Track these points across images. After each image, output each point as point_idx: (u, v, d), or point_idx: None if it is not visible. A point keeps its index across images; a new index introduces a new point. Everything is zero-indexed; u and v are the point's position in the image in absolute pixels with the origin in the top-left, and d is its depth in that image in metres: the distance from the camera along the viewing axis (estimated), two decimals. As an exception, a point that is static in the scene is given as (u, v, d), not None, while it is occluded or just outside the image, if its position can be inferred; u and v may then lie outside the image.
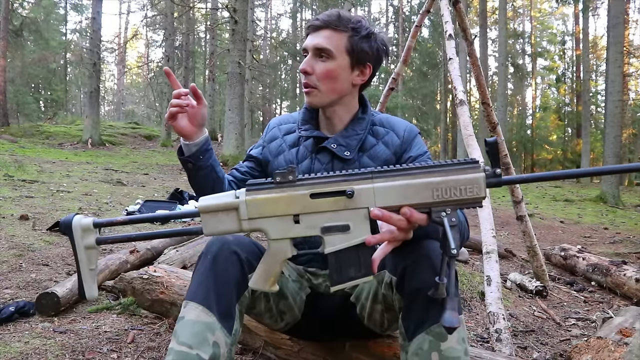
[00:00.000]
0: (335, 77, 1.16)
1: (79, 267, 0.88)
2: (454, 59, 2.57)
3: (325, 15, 1.17)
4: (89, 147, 11.78)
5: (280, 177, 0.83)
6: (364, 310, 1.16)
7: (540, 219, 6.72)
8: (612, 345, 1.53)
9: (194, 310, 0.95)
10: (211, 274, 0.98)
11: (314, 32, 1.16)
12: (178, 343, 0.92)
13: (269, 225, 0.84)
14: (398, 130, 1.25)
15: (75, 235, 0.87)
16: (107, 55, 29.89)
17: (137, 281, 1.86)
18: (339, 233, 0.82)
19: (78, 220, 0.87)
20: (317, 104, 1.20)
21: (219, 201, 0.84)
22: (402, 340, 0.97)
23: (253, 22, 17.42)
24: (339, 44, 1.14)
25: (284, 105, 32.44)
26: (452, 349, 0.91)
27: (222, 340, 0.94)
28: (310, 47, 1.16)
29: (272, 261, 0.86)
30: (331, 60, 1.15)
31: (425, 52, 20.89)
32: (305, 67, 1.16)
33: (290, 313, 1.20)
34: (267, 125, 1.38)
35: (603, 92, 20.77)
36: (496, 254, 2.03)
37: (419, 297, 0.93)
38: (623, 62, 10.67)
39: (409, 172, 0.81)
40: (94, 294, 0.89)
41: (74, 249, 0.87)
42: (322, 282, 1.24)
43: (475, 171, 0.80)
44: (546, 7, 29.78)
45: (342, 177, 0.82)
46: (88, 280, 0.89)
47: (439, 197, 0.79)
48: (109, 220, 0.89)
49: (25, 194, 4.63)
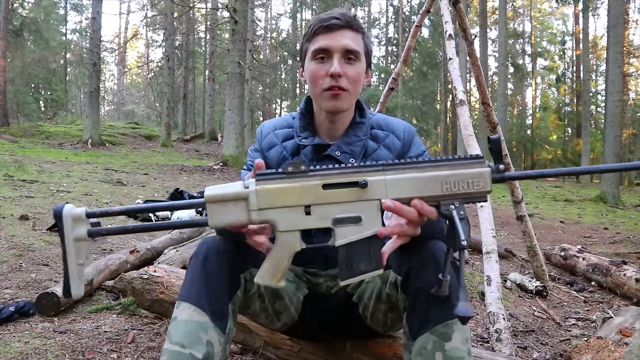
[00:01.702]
0: (361, 81, 1.15)
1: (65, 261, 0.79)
2: (454, 59, 2.57)
3: (341, 14, 1.11)
4: (89, 147, 11.77)
5: (293, 167, 0.81)
6: (367, 310, 1.16)
7: (540, 219, 6.72)
8: (612, 345, 1.53)
9: (187, 310, 0.95)
10: (202, 274, 0.98)
11: (334, 31, 1.10)
12: (171, 343, 0.92)
13: (279, 217, 0.81)
14: (397, 132, 1.23)
15: (65, 225, 0.79)
16: (107, 55, 29.96)
17: (137, 281, 1.86)
18: (351, 225, 0.81)
19: (69, 210, 0.79)
20: (345, 108, 1.15)
21: (227, 190, 0.80)
22: (406, 339, 0.97)
23: (253, 22, 17.43)
24: (361, 46, 1.13)
25: (284, 105, 32.45)
26: (456, 349, 0.90)
27: (215, 339, 0.94)
28: (337, 47, 1.09)
29: (281, 255, 0.84)
30: (359, 62, 1.13)
31: (425, 52, 20.88)
32: (339, 70, 1.09)
33: (286, 313, 1.19)
34: (259, 129, 1.30)
35: (603, 92, 20.79)
36: (496, 254, 2.03)
37: (424, 297, 0.93)
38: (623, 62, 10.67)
39: (418, 165, 0.82)
40: (80, 292, 0.80)
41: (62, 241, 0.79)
42: (323, 282, 1.24)
43: (481, 166, 0.81)
44: (546, 7, 29.80)
45: (354, 168, 0.82)
46: (75, 277, 0.79)
47: (448, 190, 0.80)
48: (103, 210, 0.81)
49: (25, 194, 4.63)
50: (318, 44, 1.11)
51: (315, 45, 1.12)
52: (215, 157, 12.38)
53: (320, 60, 1.12)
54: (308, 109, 1.24)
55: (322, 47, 1.10)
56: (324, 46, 1.10)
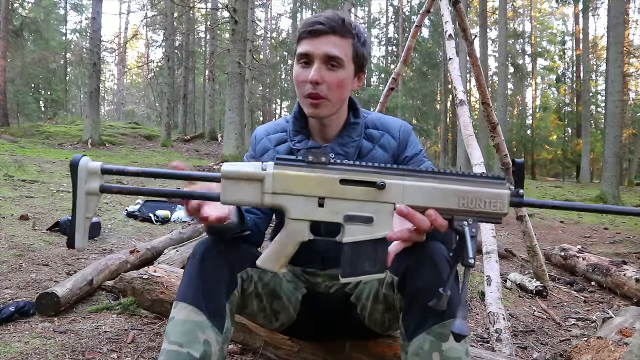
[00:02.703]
0: (344, 87, 1.11)
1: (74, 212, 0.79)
2: (454, 59, 2.57)
3: (327, 19, 1.07)
4: (89, 147, 11.77)
5: (313, 157, 0.80)
6: (365, 310, 1.16)
7: (540, 219, 6.72)
8: (612, 345, 1.53)
9: (184, 310, 0.95)
10: (199, 274, 0.99)
11: (318, 37, 1.07)
12: (169, 342, 0.93)
13: (292, 204, 0.80)
14: (393, 131, 1.22)
15: (79, 176, 0.78)
16: (107, 55, 29.97)
17: (137, 281, 1.86)
18: (362, 224, 0.81)
19: (85, 162, 0.78)
20: (325, 115, 1.13)
21: (244, 169, 0.79)
22: (402, 340, 0.97)
23: (253, 22, 17.44)
24: (347, 52, 1.09)
25: (284, 105, 32.45)
26: (454, 349, 0.90)
27: (213, 338, 0.95)
28: (318, 54, 1.07)
29: (287, 241, 0.83)
30: (341, 69, 1.09)
31: (425, 52, 20.87)
32: (317, 77, 1.07)
33: (285, 313, 1.19)
34: (253, 135, 1.30)
35: (603, 92, 20.79)
36: (496, 254, 2.03)
37: (420, 297, 0.93)
38: (623, 62, 10.67)
39: (438, 176, 0.81)
40: (84, 244, 0.80)
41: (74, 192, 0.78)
42: (321, 282, 1.24)
43: (502, 187, 0.80)
44: (546, 7, 29.81)
45: (374, 168, 0.81)
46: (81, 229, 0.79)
47: (464, 205, 0.80)
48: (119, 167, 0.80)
49: (25, 194, 4.63)
50: (301, 49, 1.09)
51: (299, 49, 1.10)
52: (215, 157, 12.38)
53: (304, 64, 1.10)
54: (301, 112, 1.22)
55: (304, 51, 1.09)
56: (305, 51, 1.08)
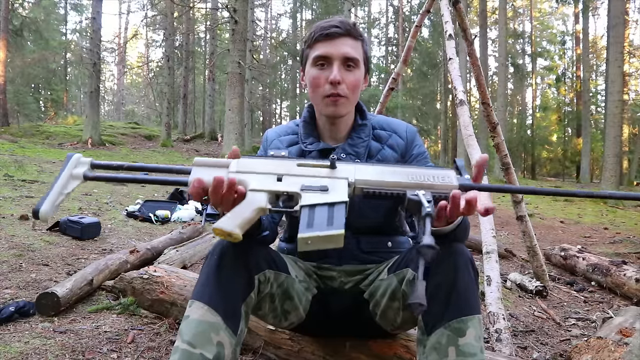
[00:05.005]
0: (359, 87, 1.19)
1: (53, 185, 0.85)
2: (454, 59, 2.57)
3: (341, 22, 1.14)
4: (89, 147, 11.77)
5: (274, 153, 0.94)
6: (378, 307, 1.17)
7: (540, 219, 6.72)
8: (612, 345, 1.53)
9: (199, 309, 0.95)
10: (216, 274, 0.98)
11: (334, 39, 1.14)
12: (182, 341, 0.93)
13: (252, 178, 0.89)
14: (400, 131, 1.27)
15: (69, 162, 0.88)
16: (107, 55, 29.98)
17: (137, 281, 1.86)
18: (318, 192, 0.87)
19: (78, 156, 0.90)
20: (344, 114, 1.19)
21: (213, 160, 0.92)
22: (421, 334, 0.99)
23: (253, 22, 17.44)
24: (360, 53, 1.17)
25: (284, 105, 32.47)
26: (470, 344, 0.92)
27: (226, 340, 0.95)
28: (337, 55, 1.13)
29: (245, 208, 0.86)
30: (357, 69, 1.16)
31: (425, 52, 20.87)
32: (339, 77, 1.13)
33: (295, 313, 1.20)
34: (264, 137, 1.36)
35: (603, 92, 20.80)
36: (496, 254, 2.03)
37: (440, 293, 0.95)
38: (623, 62, 10.67)
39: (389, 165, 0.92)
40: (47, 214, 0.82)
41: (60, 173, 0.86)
42: (337, 277, 1.25)
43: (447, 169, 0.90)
44: (546, 7, 29.79)
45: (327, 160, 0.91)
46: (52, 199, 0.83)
47: (414, 179, 0.87)
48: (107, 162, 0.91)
49: (25, 194, 4.63)
50: (318, 51, 1.15)
51: (315, 52, 1.15)
52: (215, 157, 12.36)
53: (321, 67, 1.16)
54: (311, 115, 1.28)
55: (323, 54, 1.14)
56: (324, 53, 1.14)
